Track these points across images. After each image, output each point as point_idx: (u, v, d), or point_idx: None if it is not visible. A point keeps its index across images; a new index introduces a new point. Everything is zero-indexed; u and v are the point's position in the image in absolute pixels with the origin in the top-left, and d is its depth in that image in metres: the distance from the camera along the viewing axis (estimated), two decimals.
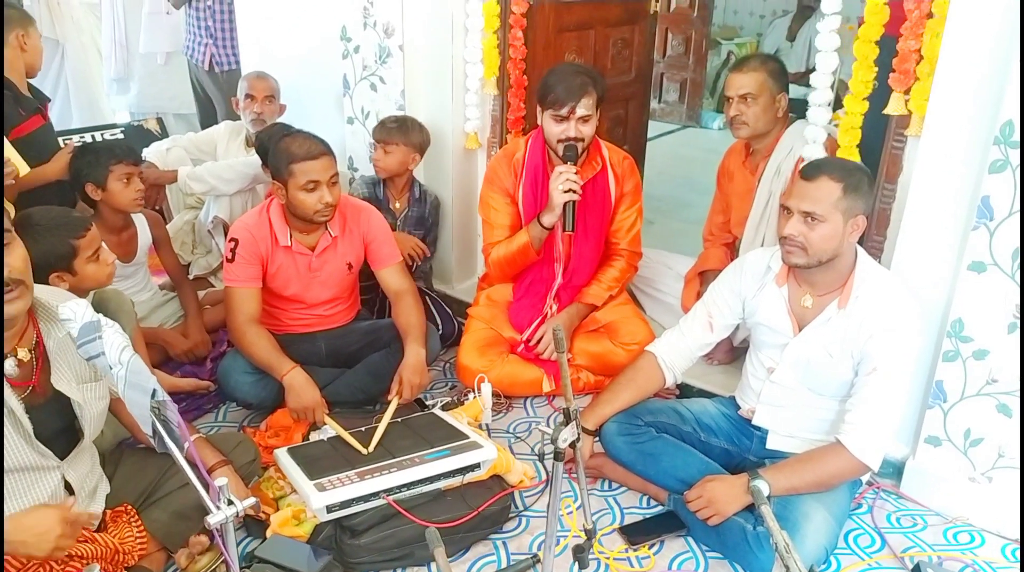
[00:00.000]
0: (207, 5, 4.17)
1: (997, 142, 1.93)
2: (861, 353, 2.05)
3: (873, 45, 2.23)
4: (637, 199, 2.85)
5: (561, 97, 2.53)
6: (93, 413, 1.72)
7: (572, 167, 2.56)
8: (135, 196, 2.81)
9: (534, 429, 2.68)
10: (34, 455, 1.62)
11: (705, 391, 2.73)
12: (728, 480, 2.09)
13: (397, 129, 3.08)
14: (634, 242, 2.86)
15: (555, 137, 2.60)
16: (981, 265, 2.04)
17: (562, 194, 2.54)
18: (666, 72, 6.60)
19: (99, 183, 2.75)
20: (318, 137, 2.53)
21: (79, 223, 2.24)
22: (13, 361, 1.61)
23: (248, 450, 2.15)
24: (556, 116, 2.57)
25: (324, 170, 2.45)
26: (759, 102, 2.61)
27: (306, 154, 2.42)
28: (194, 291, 3.14)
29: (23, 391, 1.62)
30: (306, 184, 2.43)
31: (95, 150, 2.80)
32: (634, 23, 3.77)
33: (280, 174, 2.47)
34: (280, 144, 2.49)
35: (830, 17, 2.33)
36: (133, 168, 2.81)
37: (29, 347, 1.64)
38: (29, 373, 1.63)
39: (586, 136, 2.60)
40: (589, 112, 2.56)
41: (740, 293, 2.27)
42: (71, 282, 2.21)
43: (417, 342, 2.59)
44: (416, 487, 2.11)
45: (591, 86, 2.55)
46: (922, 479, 2.32)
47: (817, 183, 1.99)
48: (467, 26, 3.11)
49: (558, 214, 2.60)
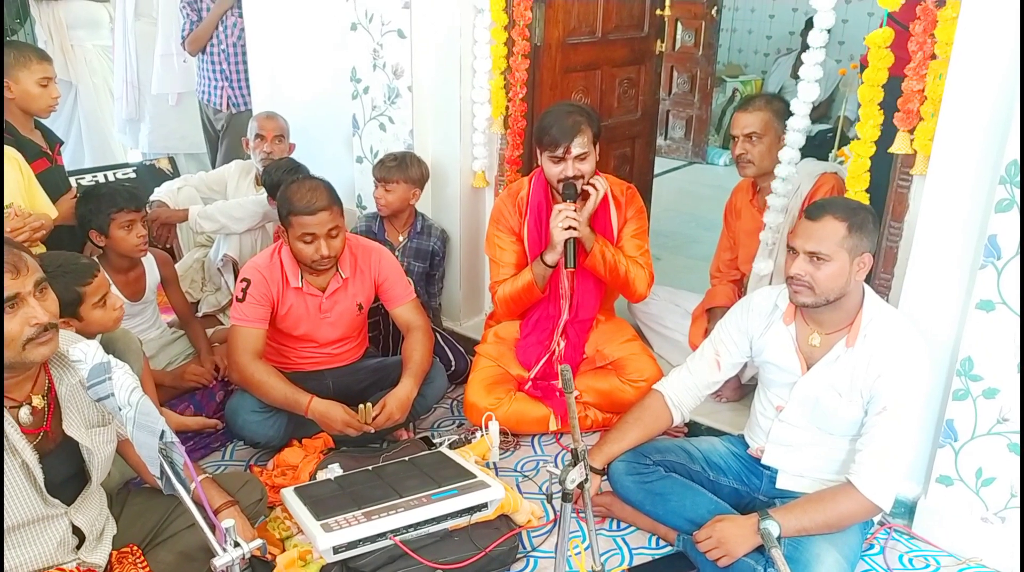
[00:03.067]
0: (222, 49, 4.24)
1: (1003, 182, 1.94)
2: (870, 392, 2.04)
3: (879, 89, 2.26)
4: (641, 221, 2.84)
5: (556, 138, 2.56)
6: (101, 457, 1.73)
7: (571, 205, 2.58)
8: (137, 242, 2.80)
9: (542, 468, 2.66)
10: (43, 506, 1.62)
11: (714, 429, 2.71)
12: (738, 520, 2.07)
13: (396, 167, 3.11)
14: (644, 258, 2.80)
15: (555, 177, 2.63)
16: (990, 304, 2.04)
17: (562, 232, 2.56)
18: (672, 109, 6.66)
19: (102, 231, 2.76)
20: (323, 185, 2.52)
21: (86, 270, 2.26)
22: (28, 409, 1.62)
23: (255, 489, 2.14)
24: (553, 157, 2.60)
25: (322, 225, 2.46)
26: (764, 141, 2.64)
27: (304, 208, 2.43)
28: (203, 328, 3.15)
29: (34, 438, 1.62)
30: (303, 236, 2.46)
31: (97, 197, 2.77)
32: (640, 63, 3.81)
33: (282, 220, 2.51)
34: (286, 190, 2.50)
35: (816, 50, 2.39)
36: (135, 215, 2.79)
37: (42, 393, 1.65)
38: (41, 420, 1.64)
39: (585, 173, 2.62)
40: (585, 150, 2.59)
41: (747, 332, 2.27)
42: (77, 327, 2.22)
43: (413, 377, 2.59)
44: (423, 527, 2.09)
45: (584, 124, 2.58)
46: (934, 519, 2.30)
47: (822, 223, 2.00)
48: (475, 67, 3.15)
49: (560, 251, 2.61)
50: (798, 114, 2.49)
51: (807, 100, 2.47)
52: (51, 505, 1.64)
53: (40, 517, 1.62)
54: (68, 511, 1.68)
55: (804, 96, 2.47)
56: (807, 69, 2.43)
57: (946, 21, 2.03)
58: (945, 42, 2.04)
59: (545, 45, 3.27)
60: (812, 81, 2.44)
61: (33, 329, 1.54)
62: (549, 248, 2.65)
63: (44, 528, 1.64)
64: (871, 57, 2.24)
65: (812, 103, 2.49)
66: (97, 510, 1.78)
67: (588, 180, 2.66)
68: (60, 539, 1.66)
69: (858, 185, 2.35)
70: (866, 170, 2.34)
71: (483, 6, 3.04)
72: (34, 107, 2.86)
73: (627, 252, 2.80)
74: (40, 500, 1.61)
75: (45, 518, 1.63)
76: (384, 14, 3.13)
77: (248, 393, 2.57)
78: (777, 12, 7.54)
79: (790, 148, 2.53)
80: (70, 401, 1.68)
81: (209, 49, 4.27)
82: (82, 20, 4.93)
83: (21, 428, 1.60)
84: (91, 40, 4.99)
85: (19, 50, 2.83)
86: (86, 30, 4.96)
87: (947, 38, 2.03)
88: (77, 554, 1.73)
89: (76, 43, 4.92)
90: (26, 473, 1.58)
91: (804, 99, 2.47)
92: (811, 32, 2.40)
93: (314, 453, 2.53)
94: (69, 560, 1.70)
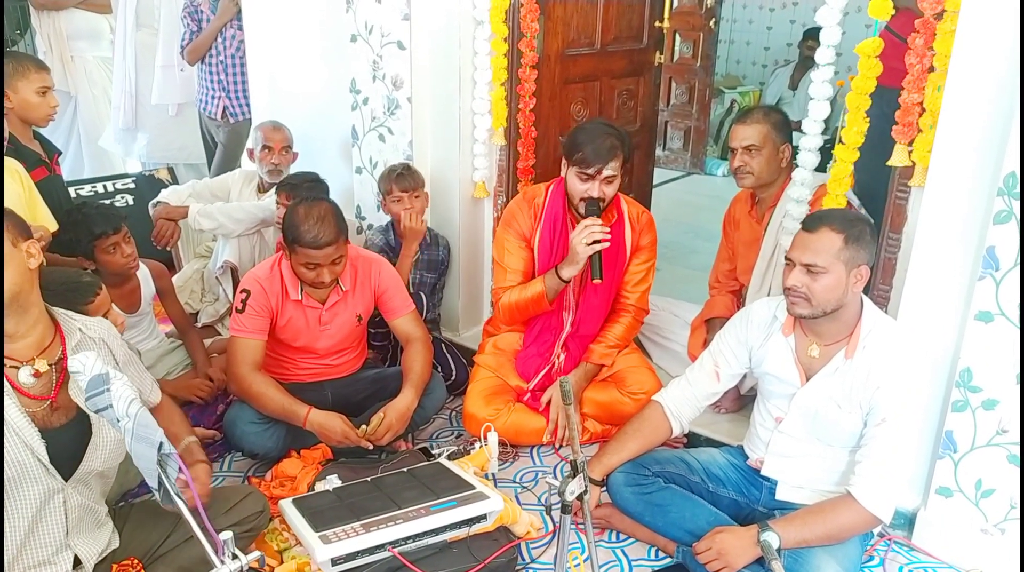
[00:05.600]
0: (220, 60, 4.26)
1: (1001, 193, 1.95)
2: (869, 404, 2.04)
3: (866, 97, 2.28)
4: (652, 256, 2.84)
5: (589, 158, 2.53)
6: (108, 439, 1.73)
7: (597, 219, 2.53)
8: (125, 261, 2.82)
9: (541, 479, 2.65)
10: (46, 476, 1.64)
11: (713, 440, 2.71)
12: (738, 532, 2.07)
13: (410, 175, 3.12)
14: (642, 299, 2.85)
15: (578, 195, 2.60)
16: (988, 315, 2.04)
17: (587, 247, 2.51)
18: (670, 120, 6.68)
19: (88, 257, 2.77)
20: (332, 214, 2.48)
21: (87, 289, 2.27)
22: (29, 370, 1.61)
23: (257, 501, 2.13)
24: (582, 174, 2.57)
25: (326, 257, 2.46)
26: (763, 153, 2.65)
27: (311, 242, 2.42)
28: (200, 339, 3.15)
29: (39, 405, 1.63)
30: (306, 264, 2.47)
31: (75, 227, 2.75)
32: (639, 74, 3.82)
33: (286, 240, 2.50)
34: (294, 214, 2.47)
35: (824, 67, 2.39)
36: (116, 237, 2.78)
37: (51, 361, 1.66)
38: (48, 388, 1.65)
39: (608, 196, 2.60)
40: (615, 174, 2.57)
41: (746, 343, 2.27)
42: None
43: (414, 388, 2.59)
44: (422, 539, 2.09)
45: (620, 150, 2.55)
46: (934, 531, 2.30)
47: (818, 234, 2.00)
48: (475, 78, 3.16)
49: (580, 267, 2.57)
50: (810, 133, 2.46)
51: (818, 118, 2.44)
52: (52, 476, 1.65)
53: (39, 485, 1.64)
54: (65, 487, 1.68)
55: (815, 114, 2.44)
56: (817, 87, 2.41)
57: (944, 34, 2.04)
58: (943, 55, 2.06)
59: (544, 56, 3.28)
60: (823, 99, 2.42)
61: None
62: (567, 262, 2.60)
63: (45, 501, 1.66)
64: (860, 66, 2.27)
65: (823, 120, 2.46)
66: (90, 493, 1.78)
67: (609, 202, 2.63)
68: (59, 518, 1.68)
69: (839, 189, 2.37)
70: (848, 174, 2.36)
71: (483, 18, 3.06)
72: (33, 116, 2.86)
73: (627, 286, 2.82)
74: (42, 469, 1.62)
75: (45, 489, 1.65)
76: (384, 26, 3.14)
77: (247, 404, 2.57)
78: (775, 24, 7.59)
79: (803, 169, 2.50)
80: None
81: (208, 60, 4.30)
82: (83, 31, 4.94)
83: (21, 390, 1.59)
84: (91, 51, 5.01)
85: (17, 60, 2.84)
86: (87, 41, 4.98)
87: (945, 51, 2.04)
88: (68, 539, 1.73)
89: (76, 54, 4.94)
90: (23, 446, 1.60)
91: (815, 117, 2.44)
92: (818, 49, 2.37)
93: (312, 464, 2.52)
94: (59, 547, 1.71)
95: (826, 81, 2.40)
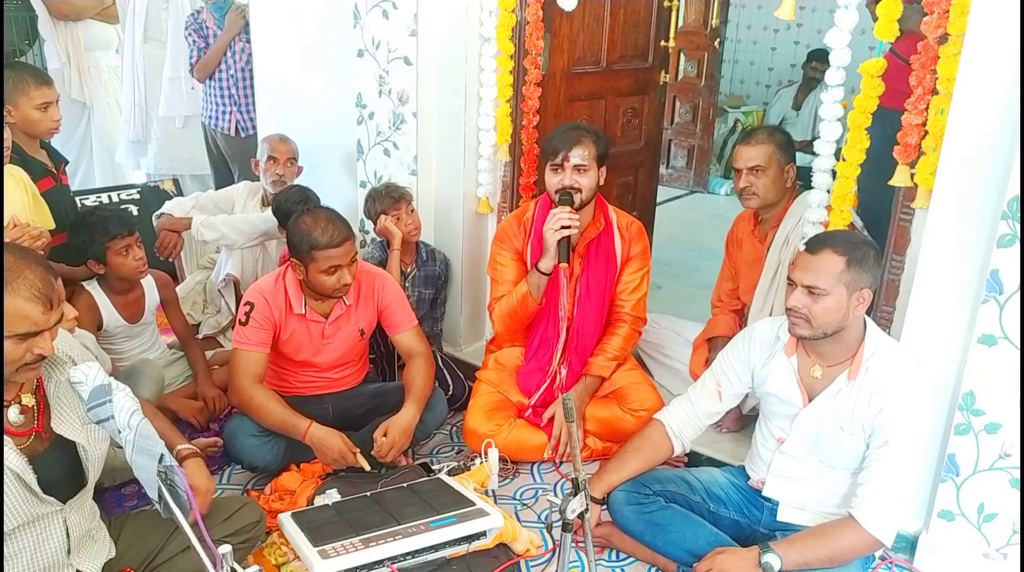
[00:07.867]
0: (231, 74, 4.27)
1: (1005, 217, 1.95)
2: (872, 426, 2.03)
3: (867, 115, 2.28)
4: (645, 264, 2.86)
5: (556, 146, 2.62)
6: (97, 454, 1.73)
7: (566, 208, 2.57)
8: (136, 265, 2.83)
9: (541, 496, 2.65)
10: (38, 504, 1.62)
11: (714, 459, 2.70)
12: (739, 553, 2.06)
13: (401, 190, 3.16)
14: (638, 307, 2.85)
15: (553, 187, 2.66)
16: (991, 338, 2.04)
17: (555, 233, 2.56)
18: (674, 139, 6.71)
19: (99, 260, 2.78)
20: (337, 216, 2.52)
21: None
22: (17, 409, 1.62)
23: (253, 511, 2.12)
24: (553, 166, 2.64)
25: (346, 255, 2.47)
26: (768, 174, 2.65)
27: (329, 242, 2.43)
28: (202, 350, 3.15)
29: (27, 440, 1.62)
30: (328, 269, 2.47)
31: (89, 229, 2.77)
32: (644, 93, 3.84)
33: (300, 254, 2.49)
34: (300, 225, 2.48)
35: (834, 88, 2.39)
36: (130, 239, 2.80)
37: (31, 391, 1.66)
38: (32, 419, 1.65)
39: (583, 187, 2.62)
40: (584, 162, 2.60)
41: (749, 363, 2.27)
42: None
43: (416, 403, 2.59)
44: (421, 555, 2.08)
45: (586, 137, 2.62)
46: (936, 554, 2.28)
47: (820, 256, 2.00)
48: (481, 95, 3.18)
49: (552, 255, 2.61)
50: (823, 154, 2.46)
51: (830, 139, 2.43)
52: (46, 503, 1.63)
53: (36, 517, 1.61)
54: (63, 509, 1.67)
55: (827, 135, 2.43)
56: (827, 108, 2.41)
57: (948, 57, 2.05)
58: (947, 78, 2.06)
59: (550, 74, 3.30)
60: (834, 120, 2.42)
61: (33, 357, 1.55)
62: (543, 255, 2.64)
63: (42, 529, 1.63)
64: (862, 85, 2.28)
65: (836, 142, 2.45)
66: (88, 509, 1.77)
67: (586, 199, 2.66)
68: (58, 543, 1.66)
69: (843, 204, 2.37)
70: (851, 190, 2.36)
71: (490, 35, 3.08)
72: (35, 131, 2.86)
73: (621, 295, 2.82)
74: (35, 499, 1.60)
75: (41, 517, 1.63)
76: (391, 41, 3.16)
77: (247, 417, 2.56)
78: (779, 45, 7.63)
79: (818, 190, 2.50)
80: (60, 399, 1.68)
81: (217, 75, 4.30)
82: (98, 41, 4.96)
83: (10, 430, 1.59)
84: (104, 61, 5.03)
85: (17, 74, 2.81)
86: (101, 51, 5.00)
87: (949, 74, 2.05)
88: (69, 559, 1.71)
89: (92, 64, 4.96)
90: (16, 478, 1.58)
91: (827, 138, 2.43)
92: (828, 71, 2.38)
93: (312, 478, 2.52)
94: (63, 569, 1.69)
95: (836, 102, 2.41)
